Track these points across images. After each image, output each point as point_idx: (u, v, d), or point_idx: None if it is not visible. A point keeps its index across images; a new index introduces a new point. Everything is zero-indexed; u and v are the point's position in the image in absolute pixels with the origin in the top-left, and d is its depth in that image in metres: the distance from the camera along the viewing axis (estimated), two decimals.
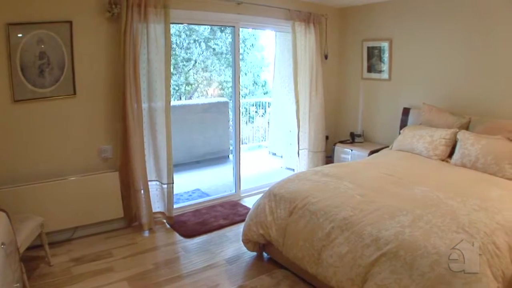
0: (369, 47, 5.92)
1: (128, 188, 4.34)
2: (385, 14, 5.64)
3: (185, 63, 10.37)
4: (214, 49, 10.31)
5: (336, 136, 6.51)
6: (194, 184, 6.15)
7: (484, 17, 4.53)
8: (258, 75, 11.63)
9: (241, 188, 5.63)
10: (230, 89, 6.09)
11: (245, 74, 11.14)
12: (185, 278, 3.49)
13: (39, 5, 3.70)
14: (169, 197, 4.56)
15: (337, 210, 3.11)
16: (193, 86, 10.83)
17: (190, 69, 10.58)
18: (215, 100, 9.09)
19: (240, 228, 4.16)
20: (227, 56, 10.18)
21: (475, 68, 4.69)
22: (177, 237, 4.33)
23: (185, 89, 10.66)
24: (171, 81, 4.52)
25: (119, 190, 4.26)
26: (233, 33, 5.20)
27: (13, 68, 3.62)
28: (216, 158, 7.67)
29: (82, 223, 4.12)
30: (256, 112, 9.55)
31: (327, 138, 6.29)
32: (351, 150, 5.73)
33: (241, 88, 6.02)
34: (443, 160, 4.40)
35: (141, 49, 4.14)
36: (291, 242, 3.28)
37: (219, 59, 10.55)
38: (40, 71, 3.78)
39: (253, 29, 8.79)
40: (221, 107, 7.85)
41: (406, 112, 5.40)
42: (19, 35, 3.62)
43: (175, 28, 9.32)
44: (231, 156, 7.42)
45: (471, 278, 2.23)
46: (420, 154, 4.56)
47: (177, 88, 10.31)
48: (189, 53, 10.16)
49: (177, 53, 9.86)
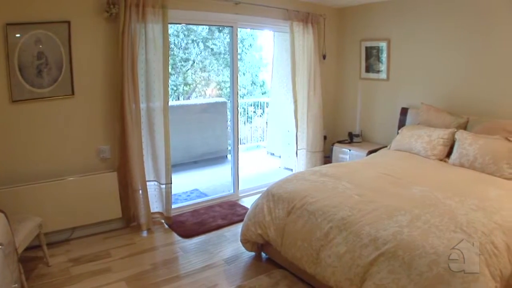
0: (367, 47, 5.93)
1: (127, 188, 4.34)
2: (383, 14, 5.65)
3: (183, 63, 10.37)
4: (212, 49, 10.31)
5: (334, 136, 6.51)
6: (193, 184, 6.15)
7: (482, 17, 4.54)
8: (256, 75, 11.63)
9: (240, 188, 5.63)
10: (228, 89, 6.08)
11: (243, 74, 11.14)
12: (183, 278, 3.49)
13: (37, 5, 3.70)
14: (167, 197, 4.56)
15: (335, 210, 3.11)
16: (191, 86, 10.82)
17: (188, 69, 10.57)
18: (213, 100, 9.10)
19: (238, 228, 4.16)
20: (225, 56, 10.18)
21: (473, 68, 4.70)
22: (175, 237, 4.32)
23: (183, 89, 10.66)
24: (169, 81, 4.51)
25: (117, 190, 4.26)
26: (231, 33, 5.20)
27: (11, 68, 3.61)
28: (215, 158, 7.67)
29: (81, 223, 4.12)
30: (254, 112, 9.55)
31: (325, 138, 6.30)
32: (349, 150, 5.73)
33: (239, 88, 6.04)
34: (441, 160, 4.40)
35: (139, 49, 4.14)
36: (289, 242, 3.28)
37: (217, 59, 10.55)
38: (38, 71, 3.77)
39: (251, 29, 8.80)
40: (219, 107, 7.85)
41: (404, 112, 5.40)
42: (17, 35, 3.61)
43: (173, 28, 9.31)
44: (229, 156, 7.41)
45: (469, 277, 2.24)
46: (418, 154, 4.57)
47: (175, 88, 10.30)
48: (187, 53, 10.15)
49: (175, 53, 9.86)
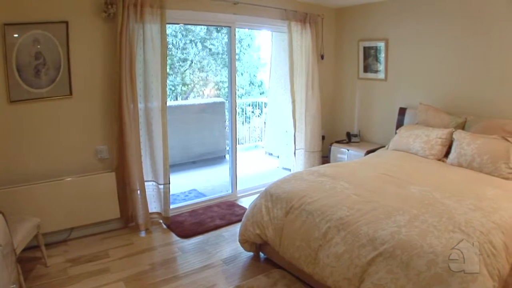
0: (365, 47, 5.93)
1: (125, 188, 4.34)
2: (381, 14, 5.65)
3: (181, 63, 10.35)
4: (210, 49, 10.30)
5: (332, 136, 6.52)
6: (191, 185, 6.15)
7: (480, 17, 4.55)
8: (254, 75, 11.62)
9: (238, 188, 5.63)
10: (227, 89, 6.09)
11: (242, 74, 11.14)
12: (181, 278, 3.48)
13: (35, 5, 3.69)
14: (166, 197, 4.56)
15: (333, 210, 3.11)
16: (189, 86, 10.81)
17: (186, 69, 10.56)
18: (211, 100, 9.07)
19: (236, 228, 4.16)
20: (223, 56, 10.17)
21: (471, 68, 4.71)
22: (173, 237, 4.32)
23: (181, 90, 10.64)
24: (167, 81, 4.51)
25: (115, 190, 4.25)
26: (229, 33, 5.19)
27: (9, 69, 3.61)
28: (213, 158, 7.67)
29: (79, 223, 4.11)
30: (253, 112, 9.55)
31: (323, 138, 6.30)
32: (348, 150, 5.74)
33: (237, 88, 6.04)
34: (439, 160, 4.41)
35: (137, 49, 4.14)
36: (287, 242, 3.28)
37: (215, 59, 10.54)
38: (36, 71, 3.77)
39: (249, 29, 8.81)
40: (217, 107, 7.84)
41: (402, 112, 5.41)
42: (15, 35, 3.61)
43: (171, 28, 9.30)
44: (227, 156, 7.41)
45: (467, 277, 2.24)
46: (417, 154, 4.57)
47: (173, 89, 10.29)
48: (185, 53, 10.14)
49: (173, 53, 9.85)
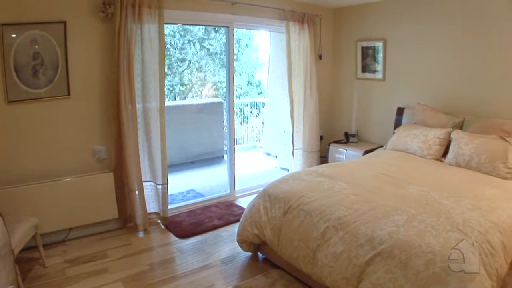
0: (363, 47, 5.94)
1: (123, 188, 4.33)
2: (379, 14, 5.66)
3: (179, 63, 10.35)
4: (208, 49, 10.30)
5: (330, 136, 6.52)
6: (189, 185, 6.15)
7: (478, 18, 4.56)
8: (252, 75, 11.62)
9: (236, 188, 5.63)
10: (225, 90, 6.08)
11: (240, 75, 11.14)
12: (180, 278, 3.48)
13: (33, 6, 3.69)
14: (164, 197, 4.55)
15: (331, 210, 3.11)
16: (187, 86, 10.81)
17: (184, 70, 10.56)
18: (209, 100, 9.09)
19: (235, 228, 4.17)
20: (221, 57, 10.17)
21: (468, 68, 4.71)
22: (172, 237, 4.32)
23: (179, 90, 10.64)
24: (166, 81, 4.51)
25: (113, 191, 4.25)
26: (227, 33, 5.19)
27: (7, 69, 3.60)
28: (211, 159, 7.66)
29: (77, 224, 4.11)
30: (251, 112, 9.56)
31: (321, 138, 6.30)
32: (346, 150, 5.74)
33: (235, 88, 6.03)
34: (437, 160, 4.42)
35: (135, 49, 4.14)
36: (286, 242, 3.28)
37: (213, 60, 10.54)
38: (34, 71, 3.76)
39: (247, 29, 8.80)
40: (215, 107, 7.84)
41: (400, 112, 5.42)
42: (13, 35, 3.60)
43: (169, 29, 9.30)
44: (225, 157, 7.41)
45: (465, 277, 2.24)
46: (414, 154, 4.58)
47: (171, 89, 10.29)
48: (184, 53, 10.14)
49: (171, 53, 9.84)
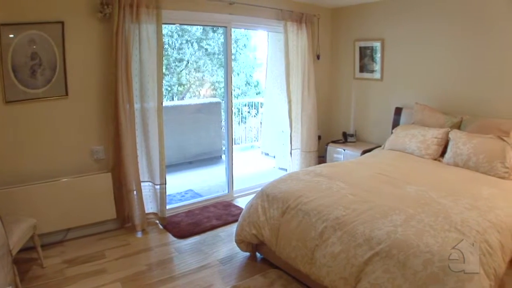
0: (361, 47, 5.94)
1: (121, 189, 4.33)
2: (377, 14, 5.66)
3: (177, 63, 10.34)
4: (206, 49, 10.29)
5: (328, 136, 6.53)
6: (187, 185, 6.14)
7: (476, 18, 4.57)
8: (250, 75, 11.62)
9: (234, 189, 5.63)
10: (223, 90, 6.09)
11: (238, 75, 11.13)
12: (178, 279, 3.48)
13: (30, 6, 3.68)
14: (162, 197, 4.55)
15: (329, 209, 3.11)
16: (185, 86, 10.80)
17: (182, 70, 10.55)
18: (207, 100, 9.09)
19: (233, 228, 4.16)
20: (219, 57, 10.16)
21: (466, 68, 4.72)
22: (170, 238, 4.32)
23: (177, 90, 10.63)
24: (164, 81, 4.51)
25: (111, 191, 4.24)
26: (225, 33, 5.19)
27: (5, 69, 3.59)
28: (209, 159, 7.66)
29: (75, 224, 4.10)
30: (249, 112, 9.55)
31: (319, 138, 6.31)
32: (344, 150, 5.75)
33: (233, 88, 6.03)
34: (435, 160, 4.42)
35: (133, 49, 4.13)
36: (284, 242, 3.28)
37: (211, 60, 10.54)
38: (32, 71, 3.76)
39: (245, 29, 8.80)
40: (213, 107, 7.84)
41: (398, 111, 5.42)
42: (11, 35, 3.59)
43: (167, 29, 9.30)
44: (223, 157, 7.41)
45: (463, 276, 2.25)
46: (413, 154, 4.58)
47: (169, 89, 10.28)
48: (182, 53, 10.13)
49: (169, 53, 9.83)
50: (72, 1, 3.89)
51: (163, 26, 4.35)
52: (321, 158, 6.20)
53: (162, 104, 4.41)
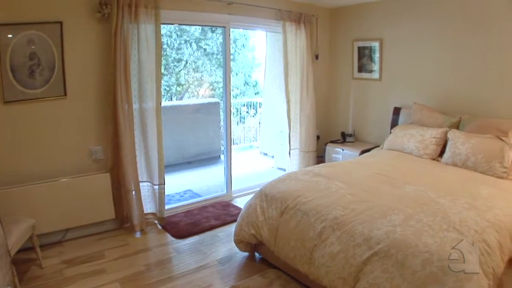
0: (359, 47, 5.95)
1: (120, 189, 4.32)
2: (376, 14, 5.67)
3: (176, 63, 10.34)
4: (205, 49, 10.28)
5: (327, 136, 6.53)
6: (186, 185, 6.14)
7: (474, 18, 4.57)
8: (249, 75, 11.61)
9: (233, 189, 5.63)
10: (221, 90, 6.09)
11: (236, 75, 11.12)
12: (177, 279, 3.48)
13: (29, 6, 3.68)
14: (161, 198, 4.55)
15: (328, 209, 3.12)
16: (184, 86, 10.80)
17: (181, 70, 10.54)
18: (206, 100, 9.08)
19: (231, 228, 4.17)
20: (218, 57, 10.16)
21: (465, 68, 4.73)
22: (169, 238, 4.32)
23: (176, 90, 10.62)
24: (162, 81, 4.50)
25: (110, 191, 4.24)
26: (224, 34, 5.19)
27: (3, 69, 3.59)
28: (208, 159, 7.66)
29: (74, 224, 4.10)
30: (247, 112, 9.55)
31: (318, 138, 6.31)
32: (342, 150, 5.75)
33: (232, 88, 6.03)
34: (434, 159, 4.43)
35: (131, 49, 4.13)
36: (282, 242, 3.28)
37: (210, 60, 10.53)
38: (31, 72, 3.75)
39: (244, 29, 8.80)
40: (212, 107, 7.83)
41: (396, 111, 5.43)
42: (9, 35, 3.59)
43: (166, 29, 9.28)
44: (222, 157, 7.41)
45: (462, 276, 2.25)
46: (411, 154, 4.59)
47: (168, 89, 10.27)
48: (180, 53, 10.12)
49: (168, 53, 9.82)
50: (71, 1, 3.89)
51: (162, 26, 4.35)
52: (320, 158, 6.21)
53: (160, 104, 4.41)
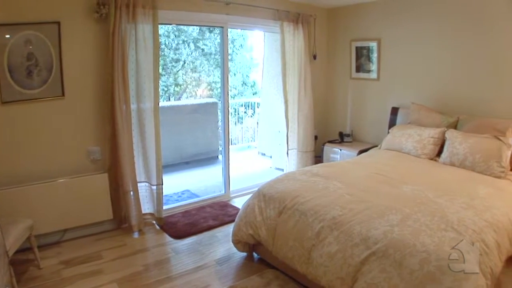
0: (357, 47, 5.95)
1: (117, 189, 4.32)
2: (374, 14, 5.67)
3: (174, 63, 10.33)
4: (203, 49, 10.28)
5: (325, 136, 6.53)
6: (184, 185, 6.14)
7: (472, 18, 4.58)
8: (247, 75, 11.61)
9: (231, 189, 5.63)
10: (219, 90, 6.08)
11: (234, 75, 11.12)
12: (175, 279, 3.48)
13: (27, 6, 3.67)
14: (159, 198, 4.55)
15: (326, 209, 3.12)
16: (182, 87, 10.79)
17: (179, 70, 10.54)
18: (204, 101, 9.08)
19: (230, 228, 4.16)
20: (216, 57, 10.15)
21: (463, 68, 4.74)
22: (167, 238, 4.32)
23: (174, 90, 10.62)
24: (160, 82, 4.50)
25: (108, 191, 4.24)
26: (222, 34, 5.19)
27: (1, 69, 3.58)
28: (206, 159, 7.65)
29: (72, 225, 4.09)
30: (245, 112, 9.55)
31: (316, 138, 6.32)
32: (340, 150, 5.75)
33: (230, 88, 6.03)
34: (431, 159, 4.43)
35: (129, 49, 4.13)
36: (281, 242, 3.28)
37: (208, 60, 10.53)
38: (28, 72, 3.75)
39: (242, 29, 8.80)
40: (210, 107, 7.83)
41: (394, 111, 5.43)
42: (7, 36, 3.59)
43: (163, 29, 9.28)
44: (220, 157, 7.40)
45: (460, 275, 2.25)
46: (409, 153, 4.59)
47: (166, 89, 10.26)
48: (178, 53, 10.12)
49: (165, 53, 9.82)
50: (69, 1, 3.88)
51: (160, 26, 4.35)
52: (318, 158, 6.21)
53: (158, 104, 4.40)
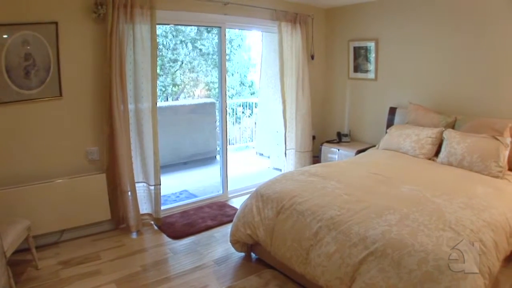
0: (355, 47, 5.95)
1: (115, 190, 4.32)
2: (371, 15, 5.68)
3: (171, 64, 10.33)
4: (200, 49, 10.28)
5: (323, 136, 6.54)
6: (182, 185, 6.13)
7: (469, 18, 4.58)
8: (245, 75, 11.62)
9: (229, 189, 5.63)
10: (217, 90, 6.09)
11: (232, 75, 11.13)
12: (173, 279, 3.48)
13: (24, 6, 3.66)
14: (157, 198, 4.54)
15: (324, 209, 3.12)
16: (179, 87, 10.79)
17: (176, 70, 10.54)
18: (202, 101, 9.09)
19: (228, 228, 4.16)
20: (213, 57, 10.15)
21: (460, 68, 4.74)
22: (165, 238, 4.31)
23: (171, 90, 10.62)
24: (158, 82, 4.50)
25: (106, 192, 4.23)
26: (220, 34, 5.19)
27: None
28: (203, 159, 7.65)
29: (69, 225, 4.09)
30: (243, 112, 9.55)
31: (314, 138, 6.32)
32: (338, 150, 5.76)
33: (228, 88, 6.03)
34: (429, 159, 4.44)
35: (127, 50, 4.13)
36: (279, 242, 3.28)
37: (205, 60, 10.53)
38: (26, 72, 3.74)
39: (239, 29, 8.80)
40: (208, 108, 7.84)
41: (392, 111, 5.43)
42: (4, 36, 3.58)
43: (161, 29, 9.28)
44: (218, 157, 7.41)
45: (458, 275, 2.26)
46: (407, 153, 4.60)
47: (163, 89, 10.26)
48: (176, 54, 10.12)
49: (163, 54, 9.82)
50: (66, 1, 3.88)
51: (157, 26, 4.34)
52: (316, 158, 6.21)
53: (156, 104, 4.40)
